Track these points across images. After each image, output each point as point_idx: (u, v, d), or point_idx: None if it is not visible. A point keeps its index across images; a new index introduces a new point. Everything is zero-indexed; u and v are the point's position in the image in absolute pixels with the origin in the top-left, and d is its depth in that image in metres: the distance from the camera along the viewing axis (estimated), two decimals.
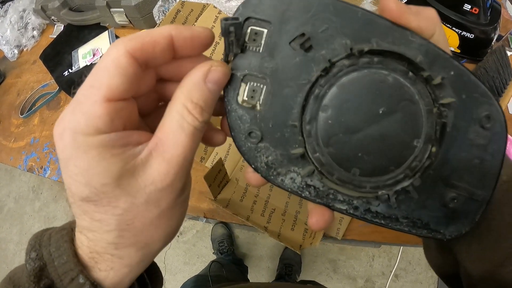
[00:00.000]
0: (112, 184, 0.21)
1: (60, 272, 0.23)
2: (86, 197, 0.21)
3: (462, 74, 0.23)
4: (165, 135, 0.22)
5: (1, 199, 2.52)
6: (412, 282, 1.74)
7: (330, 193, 0.25)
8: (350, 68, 0.23)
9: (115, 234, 0.22)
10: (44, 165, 0.94)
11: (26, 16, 1.21)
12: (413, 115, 0.23)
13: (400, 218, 0.25)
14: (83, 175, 0.21)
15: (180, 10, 0.75)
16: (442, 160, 0.23)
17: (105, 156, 0.21)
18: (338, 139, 0.23)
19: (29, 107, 1.07)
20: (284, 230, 0.66)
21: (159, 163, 0.22)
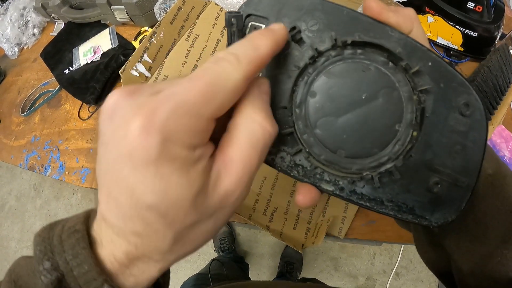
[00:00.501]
0: (189, 200, 0.20)
1: (81, 282, 0.21)
2: (154, 205, 0.19)
3: (439, 65, 0.25)
4: (234, 150, 0.21)
5: (3, 197, 2.53)
6: (413, 281, 1.74)
7: (317, 173, 0.26)
8: (336, 58, 0.26)
9: (167, 244, 0.21)
10: (45, 163, 0.94)
11: (26, 14, 1.20)
12: (394, 101, 0.25)
13: (385, 201, 0.26)
14: (161, 183, 0.19)
15: (182, 7, 0.75)
16: (424, 144, 0.25)
17: (190, 171, 0.20)
18: (324, 121, 0.25)
19: (30, 105, 1.06)
20: (286, 229, 0.66)
21: (228, 181, 0.21)
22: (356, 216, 0.66)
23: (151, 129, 0.18)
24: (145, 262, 0.22)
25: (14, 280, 0.23)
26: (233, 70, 0.21)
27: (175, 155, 0.19)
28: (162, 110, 0.18)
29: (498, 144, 0.71)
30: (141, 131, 0.18)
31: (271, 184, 0.69)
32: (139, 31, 0.97)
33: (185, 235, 0.21)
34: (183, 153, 0.19)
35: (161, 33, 0.74)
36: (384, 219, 0.66)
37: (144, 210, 0.20)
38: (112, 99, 0.20)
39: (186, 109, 0.19)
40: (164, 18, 0.73)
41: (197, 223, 0.21)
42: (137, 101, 0.19)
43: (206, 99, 0.19)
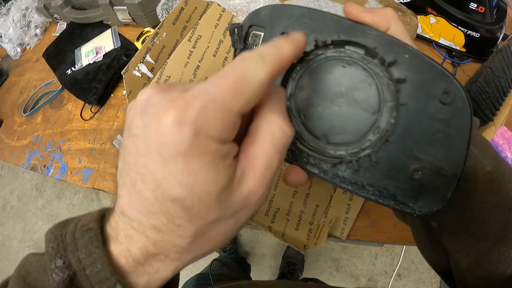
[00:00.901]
0: (214, 195, 0.20)
1: (93, 281, 0.21)
2: (180, 199, 0.20)
3: (416, 57, 0.26)
4: (258, 150, 0.22)
5: (5, 197, 2.53)
6: (415, 282, 1.73)
7: (304, 156, 0.29)
8: (320, 56, 0.29)
9: (188, 240, 0.22)
10: (47, 163, 0.94)
11: (28, 14, 1.21)
12: (371, 91, 0.27)
13: (366, 186, 0.28)
14: (189, 176, 0.19)
15: (184, 8, 0.75)
16: (403, 131, 0.27)
17: (219, 165, 0.20)
18: (310, 111, 0.29)
19: (32, 105, 1.06)
20: (288, 230, 0.66)
21: (252, 180, 0.22)
22: (358, 217, 0.66)
23: (183, 123, 0.19)
24: (161, 260, 0.22)
25: (23, 277, 0.23)
26: (259, 68, 0.21)
27: (206, 148, 0.19)
28: (194, 105, 0.19)
29: (500, 145, 0.70)
30: (173, 125, 0.19)
31: (273, 185, 0.69)
32: (141, 31, 0.97)
33: (206, 232, 0.22)
34: (213, 146, 0.20)
35: (163, 34, 0.74)
36: (386, 220, 0.66)
37: (169, 203, 0.20)
38: (145, 94, 0.21)
39: (217, 104, 0.20)
40: (166, 19, 0.74)
41: (219, 221, 0.22)
42: (170, 97, 0.20)
43: (235, 94, 0.20)
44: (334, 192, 0.67)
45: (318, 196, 0.67)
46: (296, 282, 1.25)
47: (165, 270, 0.23)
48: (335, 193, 0.67)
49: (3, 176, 2.61)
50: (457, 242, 0.31)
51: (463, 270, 0.31)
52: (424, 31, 0.81)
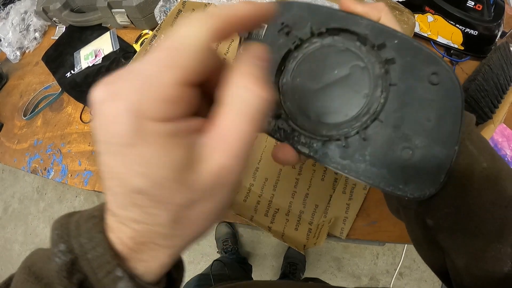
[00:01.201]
0: (172, 178, 0.19)
1: (94, 265, 0.21)
2: (141, 189, 0.19)
3: (405, 42, 0.28)
4: (225, 121, 0.20)
5: (6, 200, 2.53)
6: (417, 280, 1.73)
7: (295, 135, 0.31)
8: (316, 44, 0.30)
9: (167, 227, 0.20)
10: (47, 166, 0.94)
11: (27, 18, 1.21)
12: (361, 73, 0.29)
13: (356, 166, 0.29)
14: (142, 166, 0.18)
15: (182, 10, 0.75)
16: (393, 111, 0.28)
17: (168, 146, 0.18)
18: (303, 93, 0.30)
19: (32, 108, 1.07)
20: (288, 230, 0.66)
21: (220, 155, 0.20)
22: (357, 217, 0.66)
23: (122, 113, 0.18)
24: (153, 248, 0.22)
25: (29, 266, 0.24)
26: (199, 28, 0.19)
27: (149, 131, 0.18)
28: (126, 90, 0.18)
29: (500, 143, 0.70)
30: (114, 117, 0.18)
31: (273, 185, 0.69)
32: (139, 34, 0.98)
33: (184, 216, 0.21)
34: (158, 128, 0.18)
35: (161, 36, 0.74)
36: (386, 219, 0.66)
37: (134, 195, 0.19)
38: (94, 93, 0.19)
39: (149, 81, 0.18)
40: (164, 21, 0.74)
41: (194, 203, 0.20)
42: (113, 88, 0.19)
43: (168, 65, 0.18)
44: (334, 191, 0.67)
45: (317, 196, 0.68)
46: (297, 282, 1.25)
47: (161, 256, 0.22)
48: (335, 193, 0.67)
49: (4, 179, 2.62)
50: (454, 240, 0.31)
51: (460, 268, 0.31)
52: (422, 29, 0.81)
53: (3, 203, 2.54)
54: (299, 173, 0.69)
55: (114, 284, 0.21)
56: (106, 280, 0.21)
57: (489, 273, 0.30)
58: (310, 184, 0.68)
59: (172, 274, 0.27)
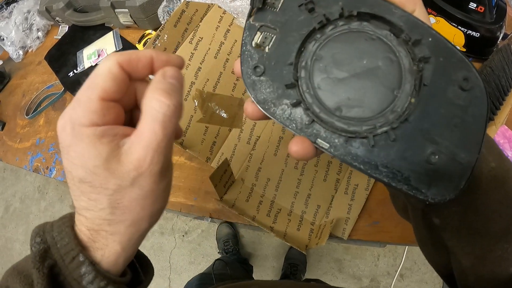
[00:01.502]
0: (102, 166, 0.25)
1: (62, 252, 0.26)
2: (82, 177, 0.25)
3: (439, 41, 0.26)
4: (142, 125, 0.26)
5: (7, 199, 2.54)
6: (418, 282, 1.73)
7: (314, 128, 0.28)
8: (343, 27, 0.28)
9: (107, 211, 0.26)
10: (49, 165, 0.95)
11: (30, 17, 1.21)
12: (393, 68, 0.27)
13: (380, 166, 0.27)
14: (79, 159, 0.25)
15: (185, 11, 0.75)
16: (422, 112, 0.26)
17: (96, 143, 0.25)
18: (326, 80, 0.28)
19: (35, 108, 1.07)
20: (290, 230, 0.66)
21: (138, 149, 0.25)
22: (359, 217, 0.66)
23: (64, 124, 0.25)
24: (104, 236, 0.27)
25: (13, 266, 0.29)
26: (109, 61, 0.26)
27: (82, 134, 0.25)
28: (67, 110, 0.26)
29: (501, 145, 0.71)
30: (60, 129, 0.26)
31: (275, 185, 0.70)
32: (142, 34, 0.98)
33: (119, 201, 0.26)
34: (87, 131, 0.25)
35: (165, 36, 0.74)
36: (388, 220, 0.66)
37: (79, 184, 0.26)
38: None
39: (81, 100, 0.25)
40: (167, 21, 0.74)
41: (123, 189, 0.26)
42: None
43: (88, 87, 0.26)
44: (336, 192, 0.67)
45: (319, 197, 0.68)
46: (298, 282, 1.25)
47: (111, 244, 0.27)
48: (337, 193, 0.67)
49: (6, 179, 2.62)
50: (460, 239, 0.31)
51: (465, 268, 0.31)
52: None
53: (4, 202, 2.54)
54: (301, 174, 0.69)
55: (78, 269, 0.26)
56: (71, 265, 0.26)
57: (495, 273, 0.30)
58: (312, 184, 0.68)
59: (140, 275, 0.33)
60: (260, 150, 0.73)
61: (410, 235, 0.66)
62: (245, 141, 0.74)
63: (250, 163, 0.73)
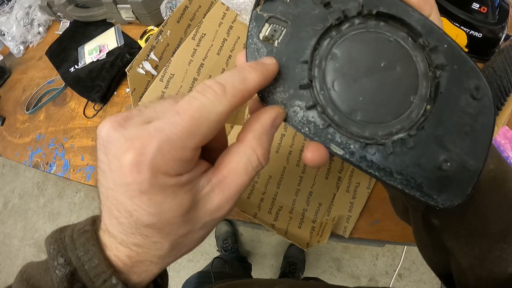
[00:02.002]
0: (181, 217, 0.23)
1: (91, 275, 0.24)
2: (151, 224, 0.22)
3: (454, 49, 0.26)
4: (230, 173, 0.24)
5: (6, 195, 2.53)
6: (416, 282, 1.73)
7: (328, 132, 0.27)
8: (360, 26, 0.27)
9: (166, 252, 0.24)
10: (49, 161, 0.94)
11: (32, 12, 1.21)
12: (410, 73, 0.26)
13: (395, 173, 0.26)
14: (155, 208, 0.22)
15: (188, 6, 0.75)
16: (436, 119, 0.26)
17: (179, 194, 0.22)
18: (341, 82, 0.26)
19: (35, 103, 1.07)
20: (291, 228, 0.66)
21: (221, 198, 0.24)
22: (361, 216, 0.66)
23: (141, 165, 0.21)
24: (147, 265, 0.25)
25: (26, 279, 0.26)
26: (218, 102, 0.22)
27: (165, 185, 0.21)
28: (150, 147, 0.21)
29: (502, 145, 0.71)
30: (132, 167, 0.21)
31: (277, 183, 0.69)
32: (144, 30, 0.98)
33: (180, 243, 0.25)
34: (171, 181, 0.22)
35: (167, 32, 0.74)
36: (389, 218, 0.66)
37: (143, 228, 0.23)
38: (105, 129, 0.22)
39: (172, 143, 0.21)
40: (170, 17, 0.74)
41: (190, 233, 0.24)
42: (128, 134, 0.21)
43: (190, 133, 0.21)
44: (337, 190, 0.67)
45: (321, 194, 0.68)
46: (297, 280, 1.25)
47: (153, 270, 0.26)
48: (338, 192, 0.67)
49: (5, 175, 2.62)
50: (459, 240, 0.31)
51: (464, 269, 0.31)
52: None
53: (3, 198, 2.54)
54: (303, 171, 0.69)
55: None
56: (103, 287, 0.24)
57: (493, 273, 0.30)
58: (314, 182, 0.68)
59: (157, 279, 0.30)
60: None
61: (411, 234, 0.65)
62: None
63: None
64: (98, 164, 0.23)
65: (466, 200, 0.26)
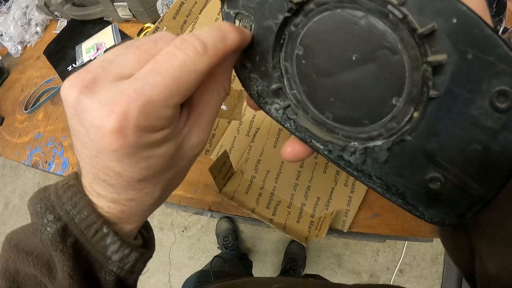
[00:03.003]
0: (168, 163, 0.24)
1: (82, 227, 0.24)
2: (143, 178, 0.23)
3: (470, 24, 0.17)
4: (204, 109, 0.25)
5: (7, 196, 2.54)
6: (417, 277, 1.73)
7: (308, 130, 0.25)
8: (321, 7, 0.21)
9: (157, 198, 0.25)
10: (48, 159, 0.94)
11: (29, 12, 1.21)
12: (393, 67, 0.20)
13: (373, 177, 0.24)
14: (145, 163, 0.22)
15: (184, 3, 0.75)
16: (427, 130, 0.21)
17: (164, 144, 0.23)
18: (312, 80, 0.23)
19: (33, 102, 1.07)
20: (290, 223, 0.66)
21: (199, 134, 0.25)
22: (359, 210, 0.66)
23: (126, 129, 0.20)
24: (138, 214, 0.26)
25: (15, 245, 0.26)
26: (198, 61, 0.21)
27: (150, 141, 0.21)
28: (133, 110, 0.20)
29: None
30: (117, 133, 0.20)
31: (274, 177, 0.69)
32: (141, 27, 0.98)
33: (170, 185, 0.26)
34: (156, 136, 0.22)
35: (163, 28, 0.74)
36: (388, 212, 0.66)
37: (135, 183, 0.23)
38: (72, 96, 0.21)
39: (154, 104, 0.20)
40: (166, 13, 0.74)
41: (177, 173, 0.26)
42: (103, 98, 0.20)
43: (172, 92, 0.21)
44: (335, 184, 0.67)
45: (319, 189, 0.68)
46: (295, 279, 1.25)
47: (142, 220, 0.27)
48: (336, 186, 0.67)
49: (5, 176, 2.62)
50: (491, 246, 0.29)
51: (490, 275, 0.29)
52: None
53: (4, 199, 2.54)
54: (301, 166, 0.69)
55: (103, 241, 0.24)
56: (95, 238, 0.24)
57: None
58: (312, 176, 0.68)
59: (142, 232, 0.31)
60: (259, 142, 0.73)
61: (411, 228, 0.66)
62: (244, 133, 0.74)
63: (249, 155, 0.72)
64: (74, 133, 0.22)
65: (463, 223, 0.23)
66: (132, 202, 0.24)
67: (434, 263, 1.71)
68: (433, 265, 1.72)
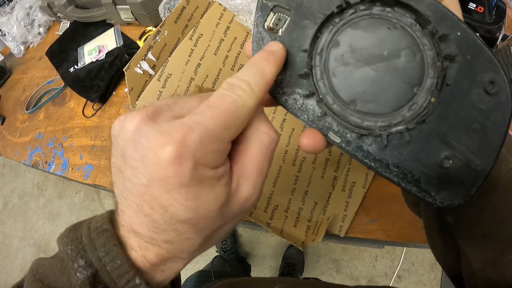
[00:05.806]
0: (216, 211, 0.23)
1: (114, 276, 0.23)
2: (187, 219, 0.22)
3: (468, 36, 0.24)
4: (249, 161, 0.25)
5: (6, 195, 2.54)
6: (415, 284, 1.73)
7: (326, 121, 0.27)
8: (364, 12, 0.26)
9: (196, 247, 0.25)
10: (48, 160, 0.95)
11: (32, 13, 1.22)
12: (416, 62, 0.25)
13: (391, 165, 0.26)
14: (193, 201, 0.22)
15: (186, 7, 0.75)
16: (441, 113, 0.25)
17: (216, 186, 0.23)
18: (342, 71, 0.26)
19: (35, 102, 1.08)
20: (287, 227, 0.66)
21: (247, 188, 0.24)
22: (356, 215, 0.66)
23: (184, 157, 0.21)
24: (175, 261, 0.25)
25: (40, 279, 0.25)
26: (248, 98, 0.23)
27: (204, 177, 0.22)
28: (191, 139, 0.21)
29: None
30: (174, 159, 0.21)
31: (272, 182, 0.70)
32: (143, 30, 0.98)
33: (211, 237, 0.25)
34: (210, 173, 0.22)
35: (165, 32, 0.74)
36: (385, 218, 0.66)
37: (178, 223, 0.22)
38: (134, 123, 0.22)
39: (212, 136, 0.22)
40: (168, 17, 0.74)
41: (222, 226, 0.25)
42: (163, 128, 0.21)
43: (227, 126, 0.22)
44: (333, 189, 0.68)
45: (316, 193, 0.68)
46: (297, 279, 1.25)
47: (178, 266, 0.26)
48: (334, 191, 0.67)
49: (5, 175, 2.62)
50: (472, 240, 0.30)
51: (475, 270, 0.31)
52: None
53: (3, 198, 2.55)
54: (298, 171, 0.69)
55: None
56: None
57: (505, 277, 0.29)
58: (309, 181, 0.68)
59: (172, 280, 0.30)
60: None
61: (408, 234, 0.66)
62: None
63: None
64: (126, 161, 0.23)
65: (468, 201, 0.25)
66: (170, 245, 0.24)
67: (433, 269, 1.71)
68: (432, 272, 1.72)
